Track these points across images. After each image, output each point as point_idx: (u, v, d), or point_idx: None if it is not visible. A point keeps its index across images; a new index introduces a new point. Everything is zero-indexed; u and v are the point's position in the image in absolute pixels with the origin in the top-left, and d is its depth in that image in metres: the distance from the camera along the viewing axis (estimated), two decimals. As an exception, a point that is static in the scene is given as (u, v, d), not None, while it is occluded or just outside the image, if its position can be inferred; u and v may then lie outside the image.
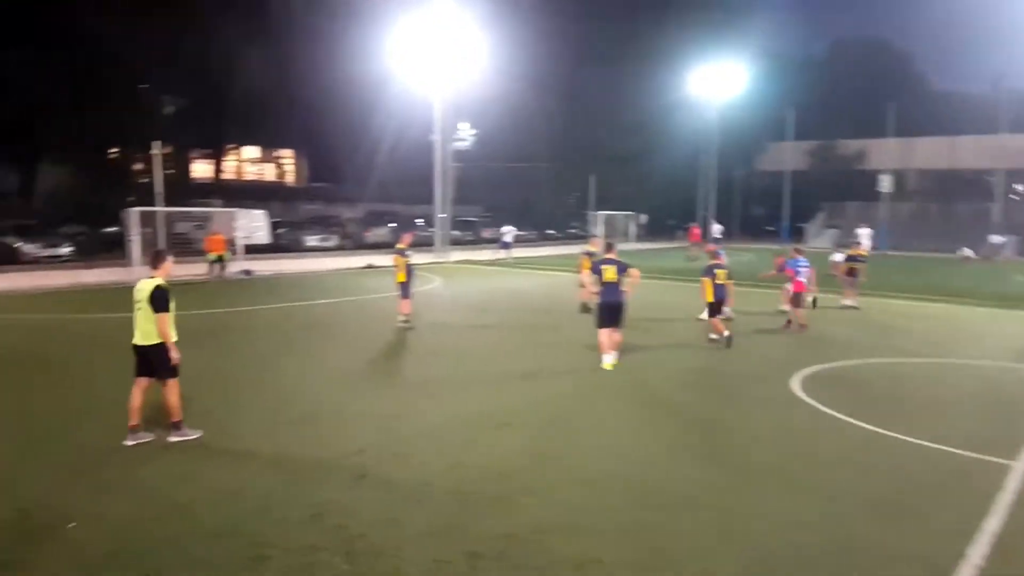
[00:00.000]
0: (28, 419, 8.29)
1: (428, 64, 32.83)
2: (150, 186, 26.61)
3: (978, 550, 5.39)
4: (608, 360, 11.07)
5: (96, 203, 32.77)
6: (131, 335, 7.40)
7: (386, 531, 5.48)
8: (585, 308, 17.03)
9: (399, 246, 15.11)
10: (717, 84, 51.68)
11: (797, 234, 54.53)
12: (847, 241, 27.51)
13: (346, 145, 51.19)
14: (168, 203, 25.30)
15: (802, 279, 15.06)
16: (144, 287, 7.35)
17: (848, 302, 18.75)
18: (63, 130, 34.74)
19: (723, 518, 5.91)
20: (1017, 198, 59.13)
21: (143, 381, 7.40)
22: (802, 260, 15.40)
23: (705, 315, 14.21)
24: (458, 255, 34.86)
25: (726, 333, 13.21)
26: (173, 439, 7.40)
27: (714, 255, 14.18)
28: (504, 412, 8.79)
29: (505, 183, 58.41)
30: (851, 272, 18.82)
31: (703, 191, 55.57)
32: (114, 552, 5.07)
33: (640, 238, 50.34)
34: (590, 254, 16.87)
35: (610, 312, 11.09)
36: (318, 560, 5.01)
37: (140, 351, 7.36)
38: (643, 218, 47.06)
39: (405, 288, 14.66)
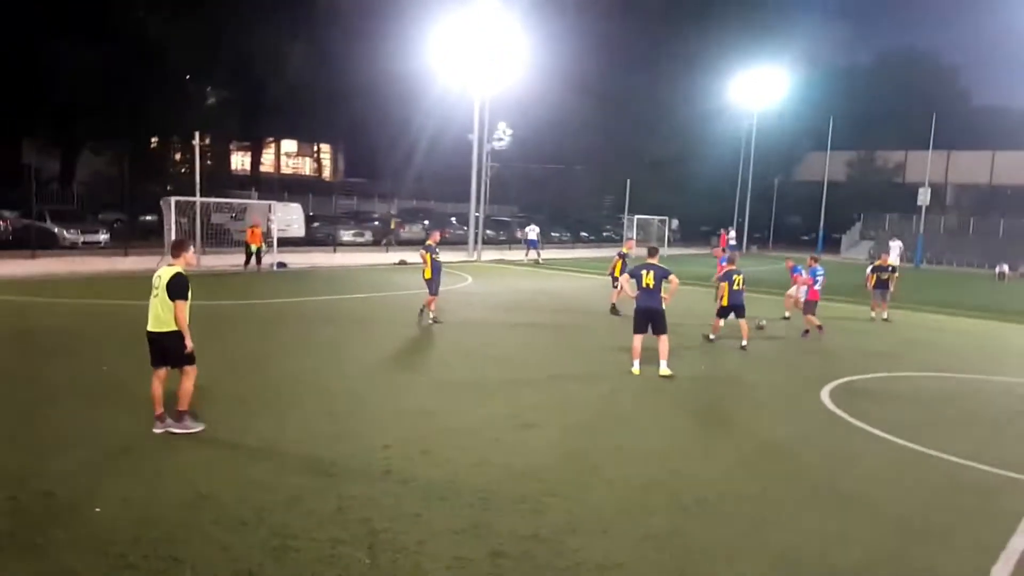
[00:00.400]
0: (59, 403, 8.43)
1: (469, 63, 32.92)
2: (188, 176, 27.04)
3: (1002, 568, 5.30)
4: (663, 367, 10.84)
5: (135, 191, 33.33)
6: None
7: (409, 527, 5.47)
8: (614, 310, 16.96)
9: (428, 243, 15.25)
10: (757, 90, 51.19)
11: (832, 244, 53.81)
12: (878, 253, 27.06)
13: (384, 141, 51.56)
14: (206, 194, 25.65)
15: (818, 288, 15.41)
16: (164, 274, 7.29)
17: (876, 314, 18.47)
18: (105, 119, 35.39)
19: (749, 527, 5.82)
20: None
21: (161, 371, 7.33)
22: (819, 269, 15.61)
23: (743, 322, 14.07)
24: (491, 254, 34.90)
25: (744, 342, 13.26)
26: (175, 430, 7.26)
27: (730, 261, 14.21)
28: (530, 412, 8.76)
29: (540, 184, 58.37)
30: (880, 284, 18.48)
31: (740, 198, 55.03)
32: (138, 537, 5.12)
33: (674, 243, 49.99)
34: (624, 256, 16.86)
35: (646, 317, 10.93)
36: (340, 553, 5.02)
37: (153, 338, 7.30)
38: (675, 223, 46.74)
39: (431, 284, 14.74)
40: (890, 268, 18.72)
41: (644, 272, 10.89)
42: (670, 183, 54.63)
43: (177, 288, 7.19)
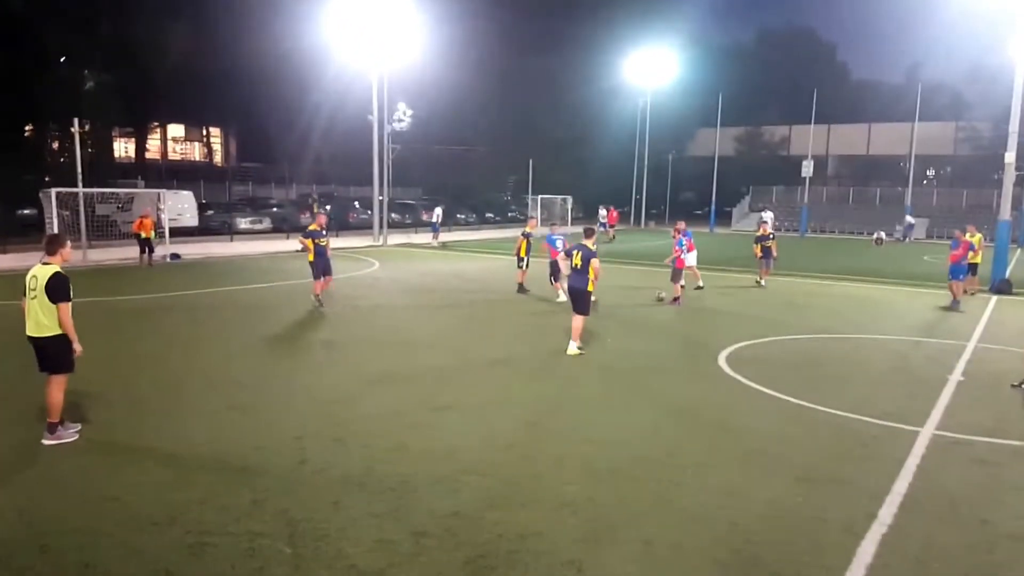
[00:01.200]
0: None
1: (364, 41, 32.26)
2: (69, 166, 25.50)
3: (888, 510, 5.79)
4: (571, 347, 11.03)
5: (9, 183, 31.17)
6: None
7: (329, 515, 5.49)
8: (521, 289, 17.22)
9: (310, 228, 15.52)
10: (649, 71, 52.49)
11: (724, 217, 56.08)
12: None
13: (277, 123, 50.02)
14: (88, 183, 24.29)
15: (684, 257, 16.52)
16: (41, 274, 6.75)
17: (765, 281, 19.98)
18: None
19: (658, 489, 6.13)
20: (927, 183, 62.06)
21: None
22: (686, 236, 16.79)
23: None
24: (397, 238, 34.59)
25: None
26: (47, 442, 6.79)
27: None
28: (444, 395, 8.86)
29: (444, 166, 58.11)
30: (765, 252, 19.94)
31: (636, 175, 56.46)
32: (44, 546, 4.93)
33: (574, 221, 50.84)
34: (528, 235, 17.21)
35: (571, 295, 11.20)
36: (260, 546, 4.99)
37: (33, 343, 6.85)
38: (568, 201, 47.29)
39: (315, 269, 15.09)
40: (770, 236, 20.20)
41: (575, 252, 11.09)
42: (571, 162, 55.49)
43: (58, 290, 6.72)
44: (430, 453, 6.84)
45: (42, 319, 6.78)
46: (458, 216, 46.78)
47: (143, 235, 22.36)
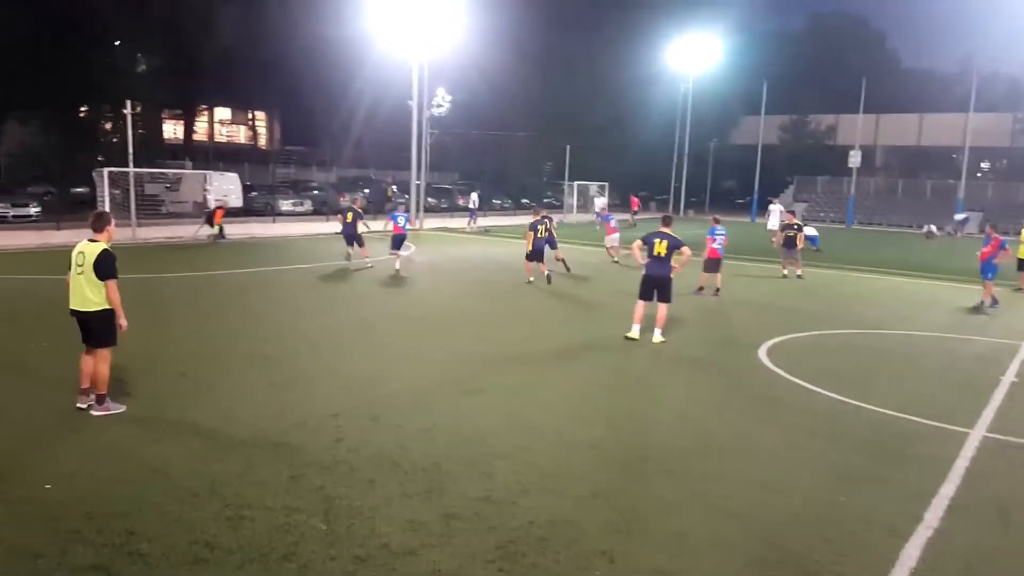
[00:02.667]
0: (-2, 380, 8.21)
1: (407, 27, 32.34)
2: (120, 146, 26.04)
3: (934, 513, 5.63)
4: (656, 335, 10.99)
5: (65, 162, 32.02)
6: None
7: (363, 493, 5.56)
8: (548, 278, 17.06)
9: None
10: (692, 56, 51.67)
11: (767, 208, 55.17)
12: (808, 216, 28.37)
13: (320, 108, 50.52)
14: (138, 164, 24.82)
15: (717, 246, 16.22)
16: (88, 251, 6.96)
17: (788, 272, 19.48)
18: (30, 86, 33.74)
19: (693, 482, 6.08)
20: (981, 176, 60.22)
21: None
22: (719, 228, 16.51)
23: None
24: (433, 223, 34.73)
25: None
26: (96, 412, 7.03)
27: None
28: (476, 378, 8.90)
29: (481, 151, 58.10)
30: (788, 242, 19.40)
31: (676, 163, 55.75)
32: (90, 512, 5.08)
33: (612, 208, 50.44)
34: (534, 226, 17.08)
35: (653, 285, 11.03)
36: (296, 521, 5.08)
37: (78, 317, 7.04)
38: (605, 187, 46.70)
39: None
40: (795, 226, 19.62)
41: (657, 240, 10.95)
42: (609, 148, 54.97)
43: (106, 267, 6.92)
44: (462, 436, 6.88)
45: (89, 294, 6.96)
46: (493, 201, 46.75)
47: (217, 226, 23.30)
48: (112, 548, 4.64)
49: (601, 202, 38.74)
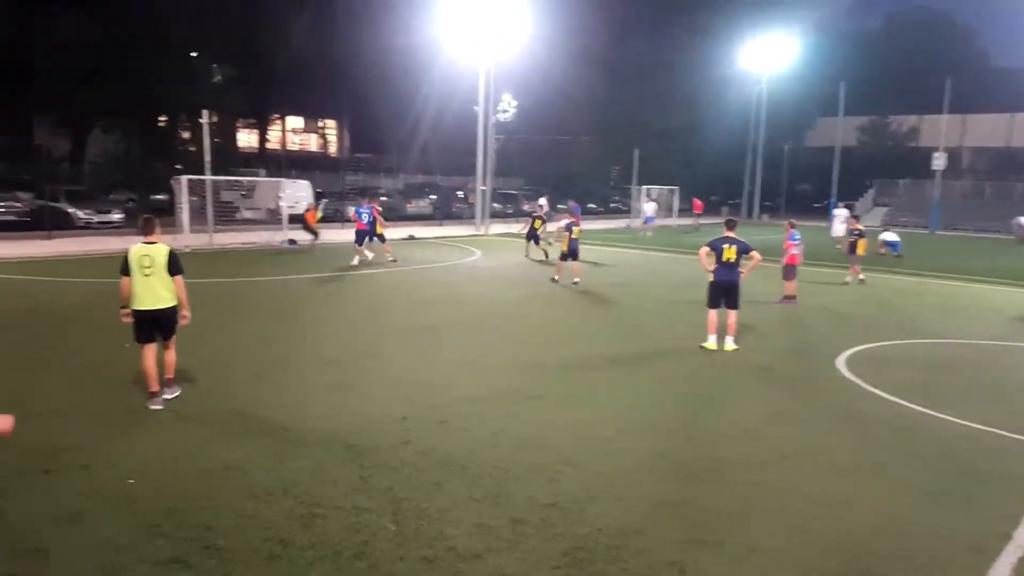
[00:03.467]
0: (83, 379, 8.59)
1: (473, 34, 32.64)
2: (197, 154, 27.00)
3: (1024, 532, 5.34)
4: (728, 343, 10.85)
5: (145, 170, 33.42)
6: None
7: (431, 496, 5.60)
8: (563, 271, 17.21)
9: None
10: (766, 57, 50.59)
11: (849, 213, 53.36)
12: (894, 219, 27.22)
13: (388, 115, 51.41)
14: (214, 171, 25.69)
15: (797, 252, 15.68)
16: (155, 253, 7.42)
17: (859, 277, 18.82)
18: (113, 97, 35.37)
19: (765, 494, 5.91)
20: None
21: (153, 346, 7.52)
22: (796, 234, 15.87)
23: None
24: (499, 228, 34.86)
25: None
26: (168, 396, 7.57)
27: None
28: (541, 384, 8.87)
29: (547, 156, 58.12)
30: (852, 248, 18.78)
31: (750, 166, 54.60)
32: (170, 507, 5.27)
33: (680, 213, 49.71)
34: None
35: (722, 291, 10.86)
36: (366, 521, 5.16)
37: (153, 315, 7.44)
38: (653, 192, 45.81)
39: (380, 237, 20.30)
40: (858, 232, 18.95)
41: (726, 246, 10.76)
42: (679, 152, 54.23)
43: (177, 264, 7.53)
44: (529, 441, 6.86)
45: (162, 292, 7.45)
46: (559, 206, 46.68)
47: (309, 224, 23.91)
48: (190, 542, 4.80)
49: (652, 207, 38.19)
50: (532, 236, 22.55)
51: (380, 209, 21.85)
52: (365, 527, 5.07)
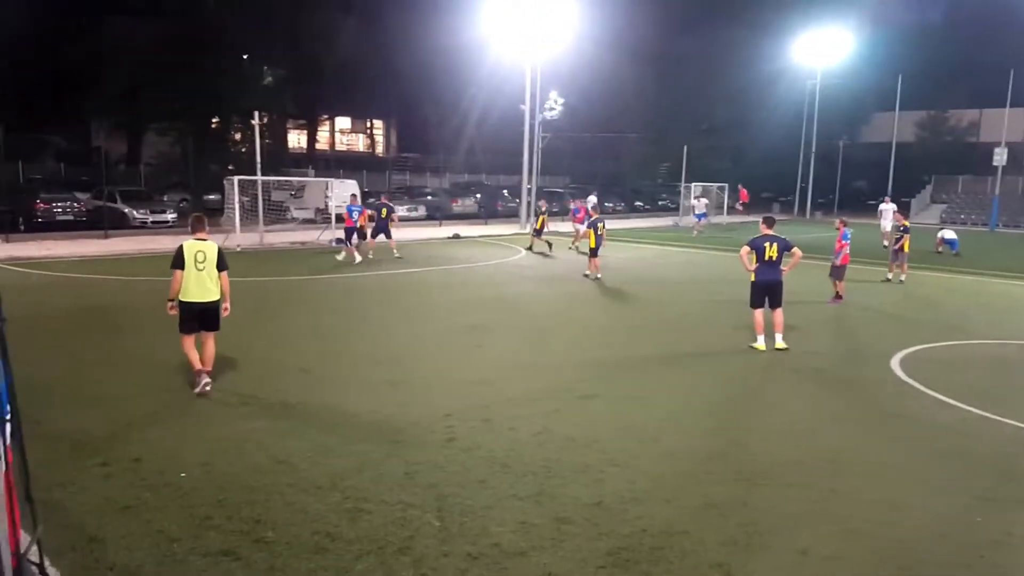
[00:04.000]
0: (136, 375, 8.82)
1: (520, 32, 32.62)
2: (248, 155, 27.52)
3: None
4: (779, 340, 10.70)
5: (198, 171, 34.21)
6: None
7: (475, 493, 5.62)
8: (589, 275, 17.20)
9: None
10: (820, 52, 49.50)
11: (900, 209, 51.96)
12: (951, 217, 26.30)
13: (435, 115, 51.73)
14: (265, 172, 26.17)
15: (847, 252, 15.19)
16: (208, 249, 7.90)
17: (900, 275, 18.25)
18: (167, 99, 36.33)
19: (816, 498, 5.78)
20: None
21: (192, 336, 8.01)
22: (848, 233, 15.35)
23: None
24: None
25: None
26: (209, 387, 7.90)
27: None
28: (588, 384, 8.83)
29: (594, 154, 57.78)
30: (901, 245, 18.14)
31: (803, 162, 53.50)
32: (221, 500, 5.39)
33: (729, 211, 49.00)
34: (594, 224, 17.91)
35: (766, 290, 10.72)
36: (411, 516, 5.20)
37: (203, 307, 7.92)
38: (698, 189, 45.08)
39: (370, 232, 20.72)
40: (904, 228, 18.27)
41: (768, 244, 10.60)
42: (729, 149, 53.38)
43: (224, 260, 8.04)
44: (574, 441, 6.83)
45: (211, 286, 7.93)
46: (606, 204, 46.43)
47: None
48: (240, 535, 4.90)
49: (702, 204, 37.68)
50: (538, 230, 24.50)
51: (392, 207, 22.93)
52: (410, 522, 5.11)
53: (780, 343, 10.69)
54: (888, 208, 30.19)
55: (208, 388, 7.87)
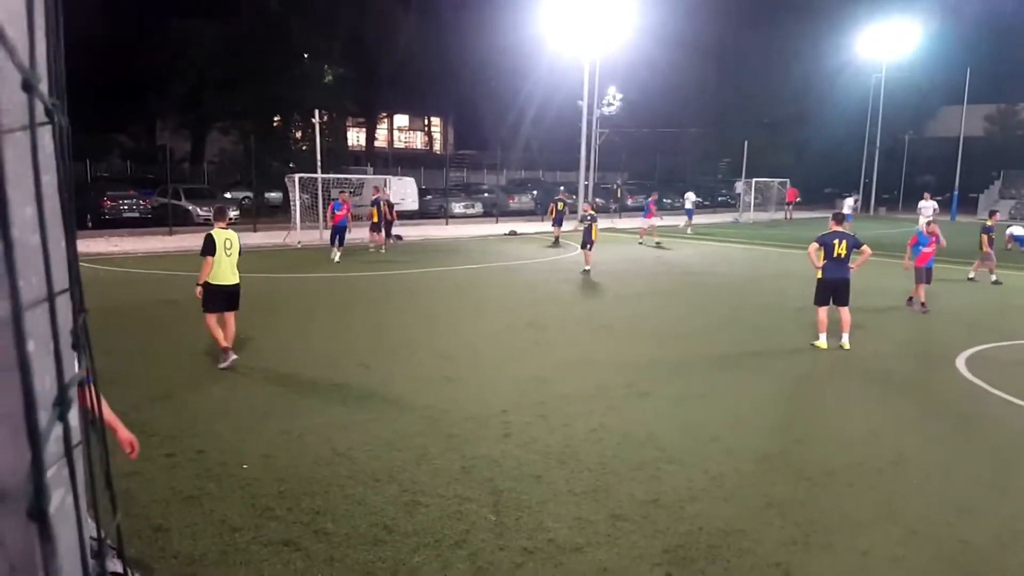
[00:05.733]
0: (200, 369, 9.10)
1: (578, 27, 32.48)
2: (309, 153, 28.06)
3: None
4: (844, 340, 10.53)
5: (260, 169, 35.07)
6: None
7: (531, 488, 5.65)
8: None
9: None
10: (886, 45, 48.03)
11: (968, 205, 50.11)
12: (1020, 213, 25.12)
13: (492, 112, 51.91)
14: (325, 170, 26.64)
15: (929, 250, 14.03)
16: (233, 237, 8.85)
17: (977, 275, 17.77)
18: (232, 99, 37.28)
19: (878, 498, 5.65)
20: None
21: (215, 316, 8.77)
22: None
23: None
24: (601, 223, 34.58)
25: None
26: (234, 362, 8.68)
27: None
28: (645, 381, 8.76)
29: (652, 149, 57.17)
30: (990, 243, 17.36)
31: (866, 157, 52.01)
32: (281, 491, 5.53)
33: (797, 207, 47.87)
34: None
35: (832, 288, 10.56)
36: (467, 510, 5.26)
37: (232, 289, 8.82)
38: (739, 185, 43.77)
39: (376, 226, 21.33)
40: (989, 226, 17.50)
41: (836, 241, 10.45)
42: (790, 144, 52.22)
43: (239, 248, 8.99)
44: (630, 438, 6.80)
45: (236, 270, 8.90)
46: (664, 201, 45.93)
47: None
48: (301, 526, 5.02)
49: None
50: (557, 220, 25.41)
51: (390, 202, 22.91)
52: (466, 516, 5.17)
53: (845, 342, 10.49)
54: (928, 205, 28.83)
55: (233, 363, 8.67)
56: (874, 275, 16.09)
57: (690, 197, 33.76)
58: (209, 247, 8.67)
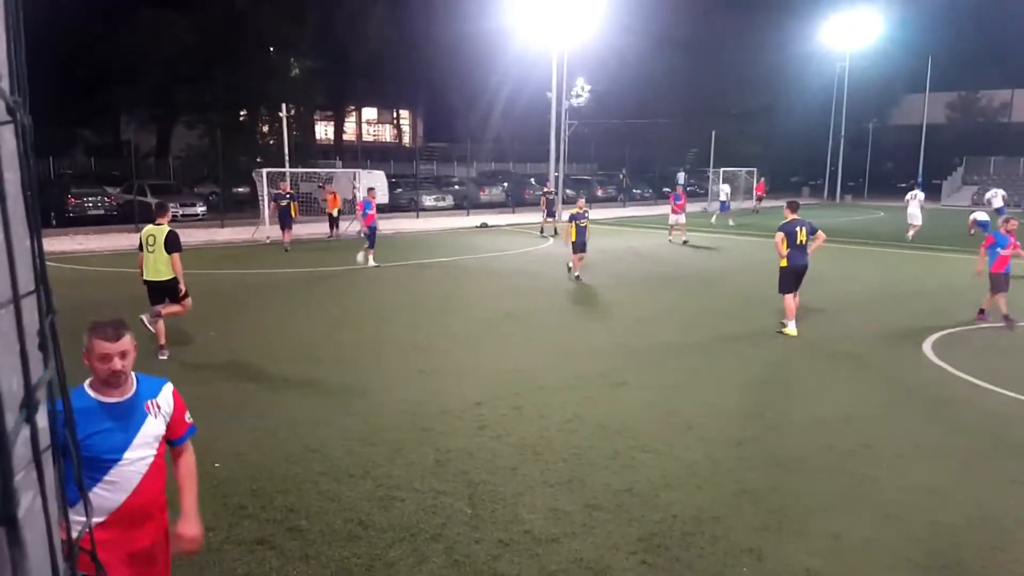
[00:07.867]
0: (168, 367, 8.98)
1: (546, 19, 32.44)
2: (276, 147, 27.75)
3: None
4: (791, 326, 10.68)
5: (227, 164, 34.59)
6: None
7: (506, 480, 5.66)
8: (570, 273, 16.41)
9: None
10: (849, 34, 48.71)
11: (931, 191, 51.05)
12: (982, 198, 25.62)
13: (462, 104, 51.73)
14: (293, 164, 26.35)
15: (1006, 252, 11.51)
16: (157, 233, 8.83)
17: None
18: (195, 92, 36.66)
19: (850, 483, 5.75)
20: None
21: (158, 307, 8.98)
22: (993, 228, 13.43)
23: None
24: (594, 214, 34.64)
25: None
26: (147, 319, 8.93)
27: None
28: (620, 371, 8.82)
29: (622, 140, 57.39)
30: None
31: (832, 146, 52.75)
32: (255, 489, 5.48)
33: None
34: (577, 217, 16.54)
35: (798, 274, 10.81)
36: (443, 504, 5.25)
37: (155, 286, 8.94)
38: (754, 174, 44.26)
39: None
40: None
41: (798, 229, 10.71)
42: (757, 134, 52.77)
43: (174, 243, 8.84)
44: (605, 428, 6.84)
45: (160, 267, 8.84)
46: (634, 191, 46.17)
47: (334, 211, 24.21)
48: (274, 524, 4.98)
49: (725, 190, 36.92)
50: (550, 211, 26.54)
51: (291, 193, 21.89)
52: (442, 510, 5.17)
53: (793, 329, 10.71)
54: (916, 195, 28.88)
55: (165, 356, 9.00)
56: (844, 261, 16.34)
57: (724, 189, 33.37)
58: (140, 244, 9.07)
